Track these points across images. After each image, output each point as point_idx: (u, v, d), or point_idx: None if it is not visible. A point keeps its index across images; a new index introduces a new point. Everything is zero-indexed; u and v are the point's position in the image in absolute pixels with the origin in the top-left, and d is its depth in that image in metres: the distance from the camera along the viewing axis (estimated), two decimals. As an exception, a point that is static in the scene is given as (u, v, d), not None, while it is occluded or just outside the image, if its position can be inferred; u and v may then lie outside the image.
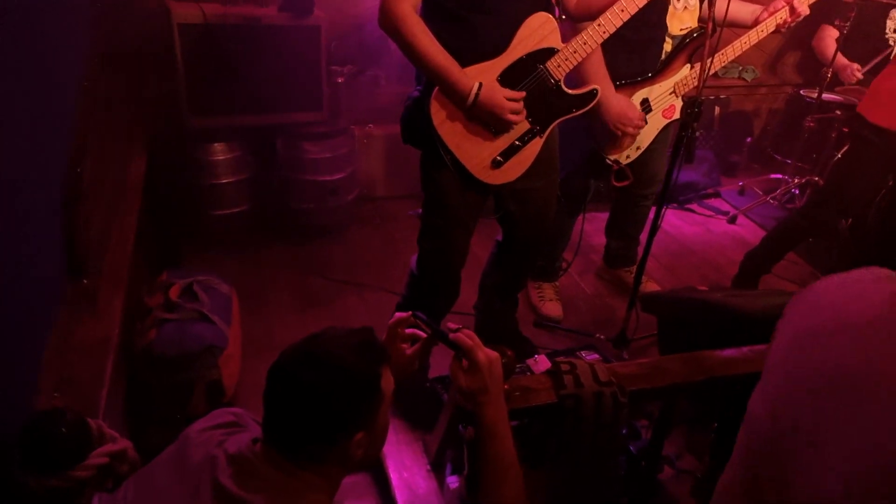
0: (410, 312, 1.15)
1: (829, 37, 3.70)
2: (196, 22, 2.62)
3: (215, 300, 2.04)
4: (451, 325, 1.10)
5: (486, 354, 1.05)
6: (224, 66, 2.71)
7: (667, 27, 2.20)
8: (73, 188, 1.51)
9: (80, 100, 1.69)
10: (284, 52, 2.78)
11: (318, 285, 2.80)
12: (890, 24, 3.59)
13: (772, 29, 2.16)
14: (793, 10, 2.11)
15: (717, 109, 4.31)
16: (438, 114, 1.69)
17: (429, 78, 1.67)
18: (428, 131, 1.71)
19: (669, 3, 2.16)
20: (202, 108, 2.77)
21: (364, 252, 3.10)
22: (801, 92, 3.94)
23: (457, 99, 1.65)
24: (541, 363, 1.32)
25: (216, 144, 2.83)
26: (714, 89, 4.29)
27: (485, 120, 1.71)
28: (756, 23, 2.18)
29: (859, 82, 3.57)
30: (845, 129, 3.37)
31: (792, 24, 2.16)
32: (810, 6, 2.15)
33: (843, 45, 3.53)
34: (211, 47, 2.67)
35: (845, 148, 3.13)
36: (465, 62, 1.64)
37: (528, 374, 1.30)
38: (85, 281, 1.60)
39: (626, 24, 1.74)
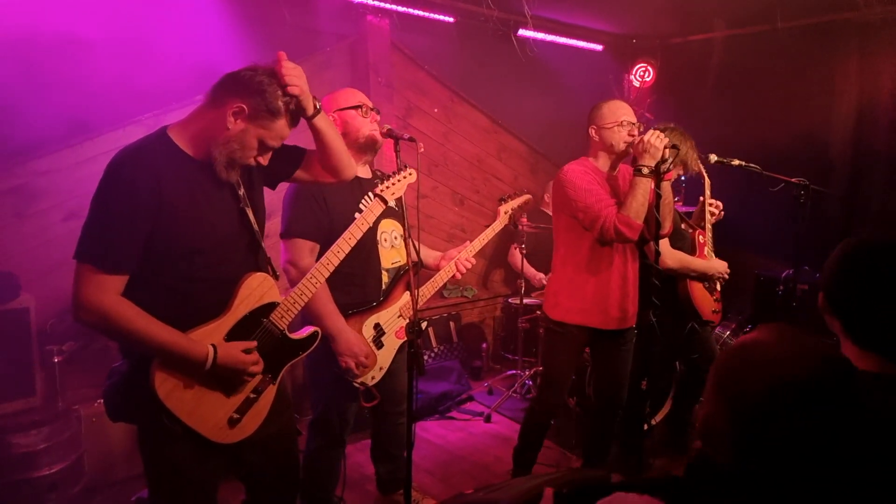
0: None
1: (517, 254, 4.67)
2: None
3: None
4: None
5: None
6: None
7: (380, 262, 2.56)
8: None
9: None
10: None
11: None
12: None
13: (449, 276, 2.65)
14: (458, 265, 2.62)
15: (451, 324, 4.92)
16: (164, 385, 1.62)
17: (155, 355, 1.61)
18: (149, 405, 1.62)
19: (377, 243, 2.55)
20: None
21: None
22: (510, 300, 4.77)
23: (192, 366, 1.63)
24: None
25: None
26: (445, 307, 4.94)
27: (225, 378, 1.70)
28: (437, 268, 2.68)
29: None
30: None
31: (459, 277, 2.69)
32: (498, 233, 2.72)
33: (530, 261, 4.49)
34: None
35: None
36: (186, 327, 1.65)
37: None
38: None
39: (342, 262, 2.02)
